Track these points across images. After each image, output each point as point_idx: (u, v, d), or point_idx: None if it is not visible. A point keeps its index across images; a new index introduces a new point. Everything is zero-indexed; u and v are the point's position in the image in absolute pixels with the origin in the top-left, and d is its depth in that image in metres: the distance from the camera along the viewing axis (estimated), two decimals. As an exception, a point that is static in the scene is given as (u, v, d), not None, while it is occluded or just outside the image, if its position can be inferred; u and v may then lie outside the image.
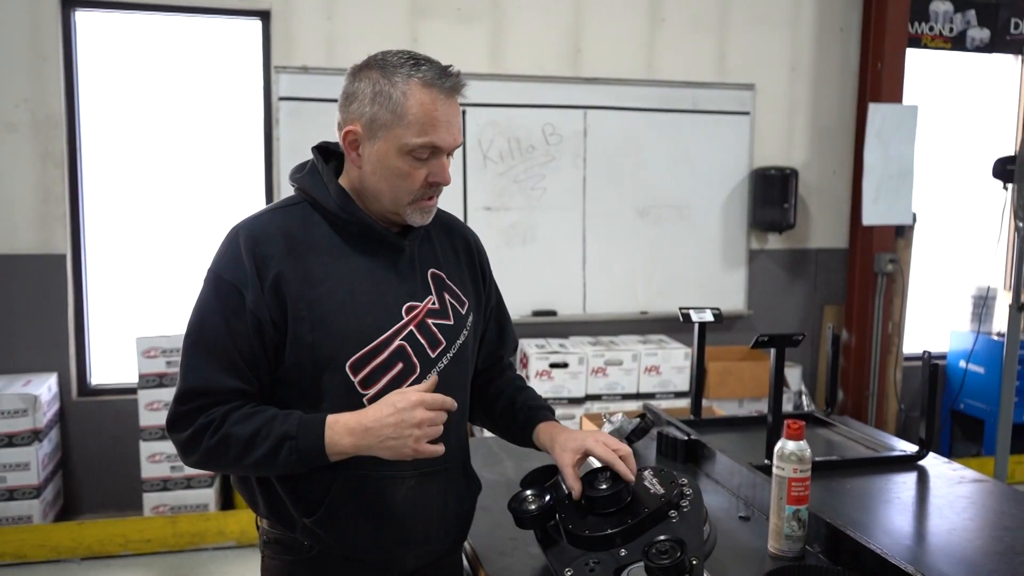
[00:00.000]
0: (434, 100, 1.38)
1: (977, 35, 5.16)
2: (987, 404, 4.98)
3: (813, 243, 5.10)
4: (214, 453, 1.37)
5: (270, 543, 1.51)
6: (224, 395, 1.38)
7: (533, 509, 1.51)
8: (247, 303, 1.37)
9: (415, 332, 1.45)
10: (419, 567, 1.51)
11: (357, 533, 1.44)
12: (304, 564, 1.48)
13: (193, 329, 1.41)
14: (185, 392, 1.39)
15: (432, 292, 1.50)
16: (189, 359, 1.40)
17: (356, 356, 1.40)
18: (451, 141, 1.41)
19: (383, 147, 1.40)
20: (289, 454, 1.34)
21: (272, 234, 1.42)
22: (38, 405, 3.79)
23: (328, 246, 1.44)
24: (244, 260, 1.39)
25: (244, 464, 1.36)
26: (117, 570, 3.76)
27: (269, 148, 4.30)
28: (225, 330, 1.38)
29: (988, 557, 1.61)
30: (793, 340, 2.06)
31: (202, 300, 1.42)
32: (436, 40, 4.40)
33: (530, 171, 4.61)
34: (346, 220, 1.44)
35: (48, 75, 4.01)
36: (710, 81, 4.80)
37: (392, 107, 1.38)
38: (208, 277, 1.43)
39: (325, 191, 1.45)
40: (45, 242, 4.08)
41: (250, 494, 1.50)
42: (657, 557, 1.29)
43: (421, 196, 1.43)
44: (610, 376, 4.43)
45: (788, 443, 1.59)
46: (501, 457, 2.22)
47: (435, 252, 1.55)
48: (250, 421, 1.36)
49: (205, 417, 1.37)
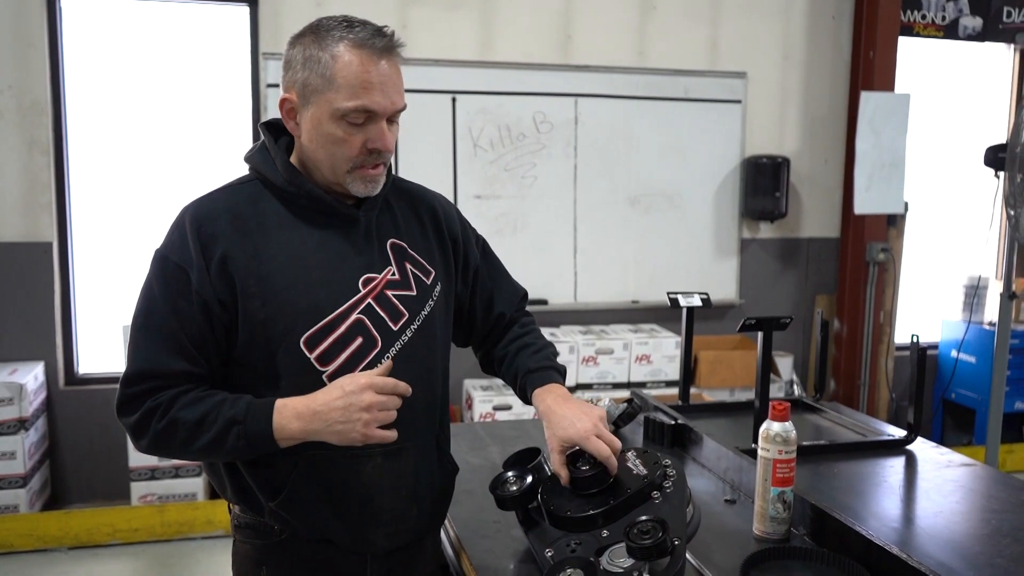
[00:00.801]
0: (364, 61, 1.34)
1: (969, 23, 5.15)
2: (978, 393, 4.98)
3: (805, 232, 5.09)
4: (162, 438, 1.33)
5: (241, 527, 1.49)
6: (172, 378, 1.34)
7: (514, 490, 1.49)
8: (192, 284, 1.34)
9: (373, 304, 1.42)
10: (393, 549, 1.48)
11: (323, 514, 1.41)
12: (274, 548, 1.45)
13: (140, 311, 1.37)
14: (132, 375, 1.34)
15: (392, 263, 1.46)
16: (136, 341, 1.36)
17: (310, 331, 1.37)
18: (386, 104, 1.36)
19: (316, 113, 1.36)
20: (237, 439, 1.31)
21: (218, 213, 1.39)
22: (24, 394, 3.76)
23: (278, 222, 1.40)
24: (189, 241, 1.35)
25: (193, 449, 1.33)
26: (105, 560, 3.74)
27: (257, 135, 4.25)
28: (171, 312, 1.34)
29: (975, 539, 1.60)
30: (780, 323, 2.05)
31: (148, 282, 1.38)
32: (426, 27, 4.37)
33: (521, 159, 4.58)
34: (294, 194, 1.41)
35: (34, 61, 3.97)
36: (702, 69, 4.78)
37: (322, 71, 1.34)
38: (154, 259, 1.39)
39: (273, 166, 1.42)
40: (31, 230, 4.04)
41: (218, 479, 1.47)
42: (639, 537, 1.27)
43: (362, 164, 1.38)
44: (601, 365, 4.42)
45: (773, 424, 1.57)
46: (487, 442, 2.21)
47: (396, 222, 1.51)
48: (198, 406, 1.33)
49: (152, 401, 1.33)
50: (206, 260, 1.34)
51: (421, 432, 1.48)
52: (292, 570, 1.46)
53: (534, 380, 1.57)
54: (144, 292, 1.38)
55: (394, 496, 1.45)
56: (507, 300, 1.69)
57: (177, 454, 1.38)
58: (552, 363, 1.61)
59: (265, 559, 1.46)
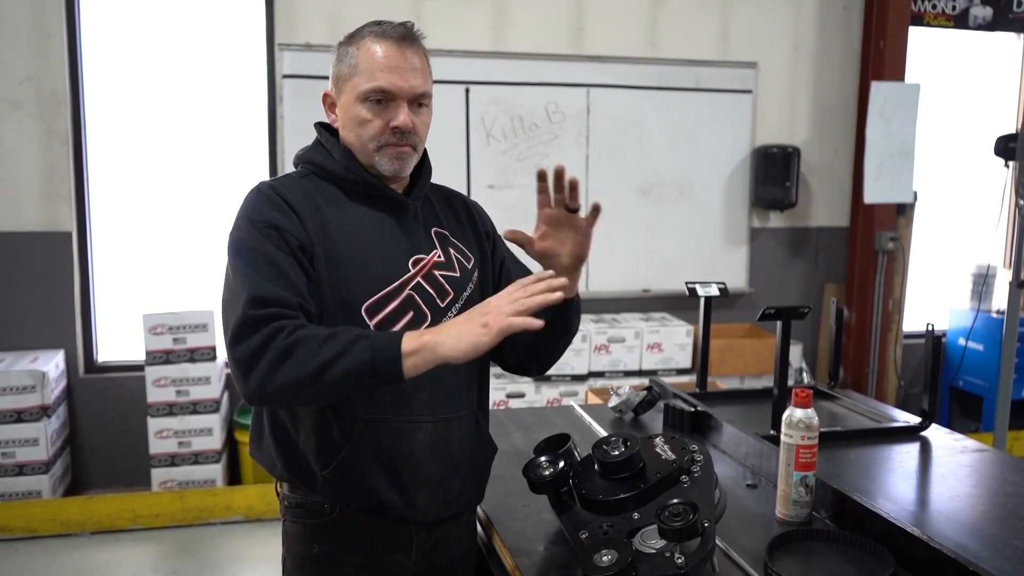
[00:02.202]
0: (382, 48, 1.47)
1: (980, 13, 5.16)
2: (986, 381, 5.03)
3: (814, 221, 5.12)
4: (283, 356, 1.29)
5: (291, 507, 1.53)
6: (293, 308, 1.35)
7: (547, 475, 1.55)
8: (286, 233, 1.40)
9: (422, 283, 1.51)
10: (437, 520, 1.54)
11: (376, 479, 1.47)
12: (325, 527, 1.50)
13: (242, 262, 1.38)
14: (255, 297, 1.33)
15: (437, 247, 1.56)
16: (250, 278, 1.35)
17: (370, 301, 1.45)
18: (402, 86, 1.46)
19: (346, 99, 1.50)
20: (363, 351, 1.29)
21: (291, 188, 1.49)
22: (46, 381, 3.82)
23: (339, 202, 1.51)
24: (273, 202, 1.44)
25: (312, 367, 1.29)
26: (126, 544, 3.81)
27: (273, 126, 4.30)
28: (276, 258, 1.38)
29: (990, 522, 1.65)
30: (800, 312, 2.09)
31: (242, 241, 1.40)
32: (439, 18, 4.40)
33: (533, 149, 4.62)
34: (352, 179, 1.51)
35: (52, 52, 4.01)
36: (713, 59, 4.80)
37: (349, 61, 1.49)
38: (240, 225, 1.43)
39: (330, 157, 1.53)
40: (51, 220, 4.09)
41: (268, 458, 1.52)
42: (670, 520, 1.32)
43: (387, 142, 1.48)
44: (613, 353, 4.47)
45: (796, 411, 1.62)
46: (510, 428, 2.26)
47: (436, 214, 1.63)
48: (324, 330, 1.34)
49: (279, 322, 1.32)
50: (295, 213, 1.44)
51: (465, 407, 1.57)
52: (343, 545, 1.51)
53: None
54: (241, 251, 1.40)
55: (442, 465, 1.52)
56: None
57: (290, 380, 1.30)
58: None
59: (316, 537, 1.51)
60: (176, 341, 3.96)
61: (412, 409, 1.47)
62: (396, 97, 1.47)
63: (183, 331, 3.97)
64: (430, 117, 1.56)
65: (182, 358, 3.97)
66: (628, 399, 2.36)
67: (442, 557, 1.58)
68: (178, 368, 3.96)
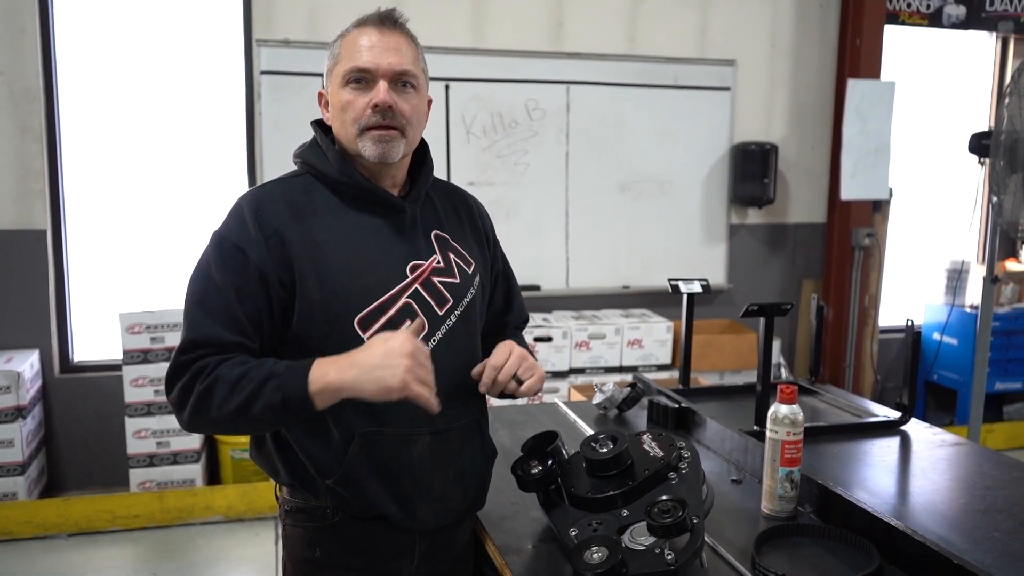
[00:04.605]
0: (361, 32, 1.47)
1: (953, 12, 5.23)
2: (960, 375, 5.10)
3: (792, 218, 5.17)
4: (203, 399, 1.33)
5: (292, 511, 1.52)
6: (225, 347, 1.37)
7: (536, 473, 1.55)
8: (251, 260, 1.39)
9: (420, 290, 1.48)
10: (438, 527, 1.54)
11: (377, 491, 1.46)
12: (327, 531, 1.50)
13: (196, 289, 1.41)
14: (186, 343, 1.37)
15: (436, 251, 1.54)
16: (192, 315, 1.39)
17: (364, 312, 1.43)
18: (379, 62, 1.44)
19: (332, 89, 1.49)
20: (273, 392, 1.31)
21: (275, 199, 1.46)
22: (21, 382, 3.76)
23: (331, 209, 1.47)
24: (248, 222, 1.41)
25: (230, 408, 1.32)
26: (105, 546, 3.77)
27: (251, 123, 4.26)
28: (229, 288, 1.38)
29: (971, 515, 1.67)
30: (782, 309, 2.11)
31: (205, 261, 1.42)
32: (420, 14, 4.36)
33: (513, 146, 4.62)
34: (345, 183, 1.48)
35: (25, 47, 3.95)
36: (691, 57, 4.83)
37: (333, 52, 1.50)
38: (212, 240, 1.44)
39: (324, 159, 1.50)
40: (25, 218, 4.03)
41: (270, 463, 1.50)
42: (660, 516, 1.33)
43: (368, 123, 1.44)
44: (594, 350, 4.48)
45: (781, 407, 1.64)
46: (495, 426, 2.24)
47: (438, 215, 1.59)
48: (241, 366, 1.35)
49: (202, 362, 1.35)
50: (265, 238, 1.40)
51: (466, 414, 1.55)
52: (345, 550, 1.50)
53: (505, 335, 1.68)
54: (201, 270, 1.42)
55: (443, 475, 1.51)
56: (516, 314, 1.78)
57: (216, 418, 1.34)
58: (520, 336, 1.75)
59: (318, 541, 1.50)
60: (154, 340, 3.92)
61: (410, 422, 1.45)
62: (375, 75, 1.44)
63: (161, 330, 3.93)
64: (423, 103, 1.52)
65: (160, 357, 3.92)
66: (612, 396, 2.37)
67: (444, 561, 1.59)
68: (156, 367, 3.92)
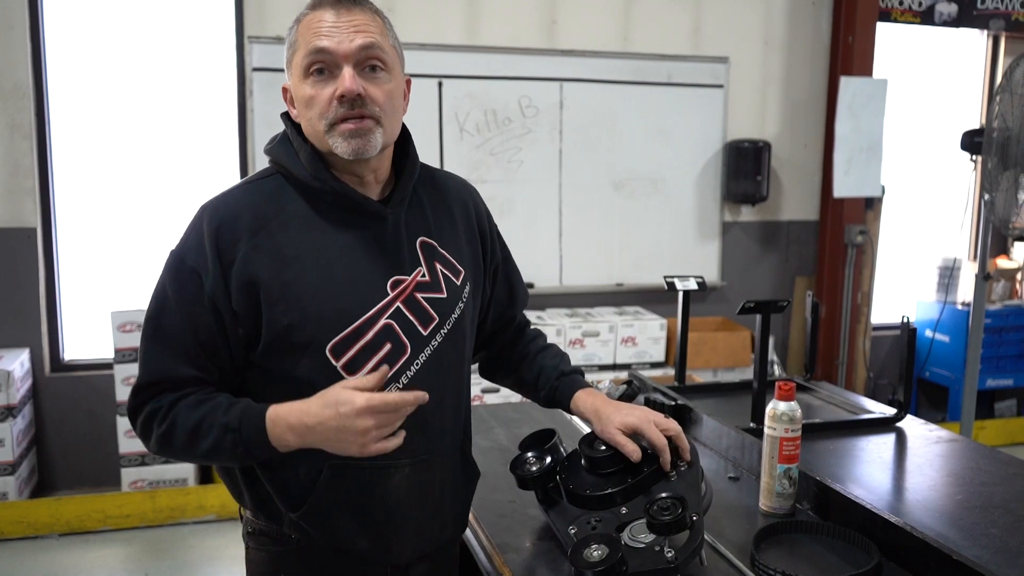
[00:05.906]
0: (317, 15, 1.30)
1: (945, 9, 5.24)
2: (952, 372, 5.13)
3: (785, 215, 5.18)
4: (165, 442, 1.30)
5: (255, 534, 1.42)
6: (180, 383, 1.30)
7: (535, 471, 1.54)
8: (206, 289, 1.28)
9: (403, 308, 1.34)
10: (415, 560, 1.43)
11: (347, 525, 1.35)
12: (292, 555, 1.39)
13: (152, 315, 1.32)
14: (142, 385, 1.31)
15: (422, 263, 1.38)
16: (147, 348, 1.32)
17: (336, 339, 1.29)
18: (340, 43, 1.27)
19: (294, 83, 1.33)
20: (235, 447, 1.26)
21: (239, 213, 1.31)
22: (11, 381, 3.73)
23: (301, 222, 1.32)
24: (206, 245, 1.28)
25: (196, 455, 1.30)
26: (96, 546, 3.74)
27: (243, 120, 4.24)
28: (184, 317, 1.29)
29: (968, 511, 1.68)
30: (778, 306, 2.10)
31: (162, 283, 1.32)
32: (412, 11, 4.36)
33: (507, 144, 4.61)
34: (319, 190, 1.32)
35: (14, 44, 3.91)
36: (684, 54, 4.82)
37: (290, 41, 1.33)
38: (170, 259, 1.33)
39: (296, 159, 1.34)
40: (14, 215, 4.00)
41: (235, 486, 1.40)
42: (659, 514, 1.33)
43: (336, 118, 1.28)
44: (587, 347, 4.48)
45: (780, 404, 1.63)
46: (492, 424, 2.25)
47: (425, 217, 1.42)
48: (195, 411, 1.28)
49: (154, 403, 1.30)
50: (223, 267, 1.28)
51: (449, 440, 1.45)
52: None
53: (579, 383, 1.60)
54: (157, 293, 1.33)
55: (420, 507, 1.40)
56: (520, 302, 1.68)
57: (184, 459, 1.35)
58: (579, 369, 1.66)
59: (282, 566, 1.41)
60: (146, 339, 3.89)
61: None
62: (337, 59, 1.27)
63: (153, 328, 3.90)
64: (398, 86, 1.35)
65: (152, 356, 3.89)
66: (608, 393, 2.35)
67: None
68: (148, 366, 3.89)
